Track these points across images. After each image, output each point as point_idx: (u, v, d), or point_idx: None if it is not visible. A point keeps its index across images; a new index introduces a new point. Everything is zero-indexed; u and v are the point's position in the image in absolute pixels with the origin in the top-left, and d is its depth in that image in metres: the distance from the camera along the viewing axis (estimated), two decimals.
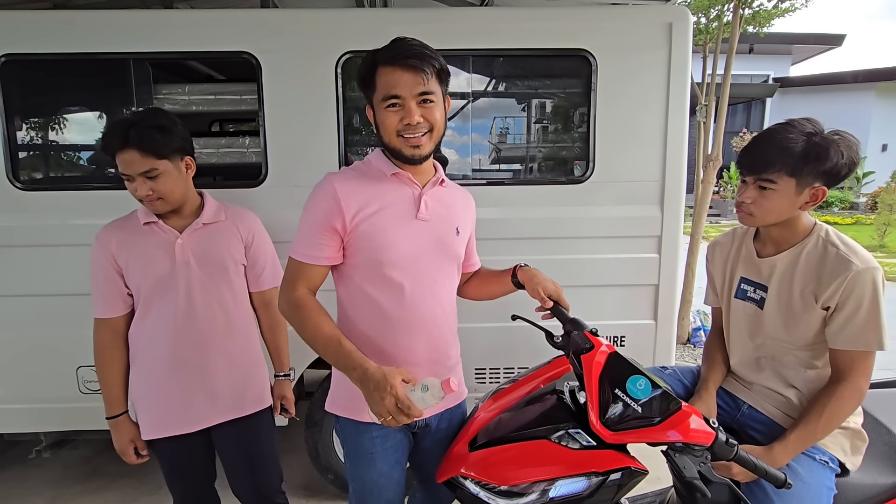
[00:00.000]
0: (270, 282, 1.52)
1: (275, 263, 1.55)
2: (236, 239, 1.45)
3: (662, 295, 2.10)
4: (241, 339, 1.47)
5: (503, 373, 2.15)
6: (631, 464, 1.02)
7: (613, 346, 1.09)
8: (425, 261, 1.16)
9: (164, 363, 1.37)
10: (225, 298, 1.42)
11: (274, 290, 1.51)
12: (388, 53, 1.05)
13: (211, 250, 1.40)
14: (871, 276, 1.09)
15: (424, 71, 1.04)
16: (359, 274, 1.14)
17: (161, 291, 1.35)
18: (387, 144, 1.12)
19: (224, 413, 1.43)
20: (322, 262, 1.12)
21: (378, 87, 1.06)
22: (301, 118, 1.97)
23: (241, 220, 1.48)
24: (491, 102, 2.24)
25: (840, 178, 1.13)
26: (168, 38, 1.93)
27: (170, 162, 1.30)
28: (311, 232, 1.11)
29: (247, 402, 1.47)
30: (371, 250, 1.11)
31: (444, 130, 1.14)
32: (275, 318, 1.55)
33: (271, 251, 1.56)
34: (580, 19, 1.99)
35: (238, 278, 1.46)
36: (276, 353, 1.59)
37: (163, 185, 1.30)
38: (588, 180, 2.04)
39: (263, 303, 1.53)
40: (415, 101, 1.05)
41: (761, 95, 14.40)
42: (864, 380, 1.14)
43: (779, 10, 4.39)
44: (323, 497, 2.27)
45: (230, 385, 1.43)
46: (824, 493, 1.14)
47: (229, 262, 1.42)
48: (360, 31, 1.96)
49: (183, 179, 1.35)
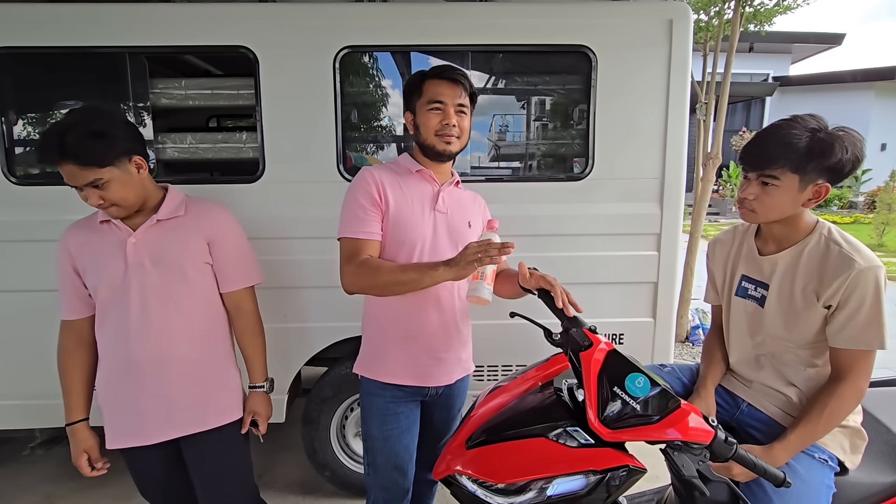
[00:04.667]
0: (241, 281, 1.40)
1: (246, 261, 1.42)
2: (197, 235, 1.33)
3: (661, 293, 2.09)
4: (204, 346, 1.35)
5: (501, 370, 2.15)
6: (629, 462, 1.01)
7: (612, 344, 1.08)
8: (441, 245, 1.34)
9: (120, 370, 1.29)
10: (183, 301, 1.30)
11: (245, 291, 1.42)
12: (437, 70, 1.34)
13: (166, 249, 1.29)
14: (873, 274, 1.09)
15: (464, 86, 1.32)
16: (383, 255, 1.33)
17: (116, 294, 1.27)
18: (424, 142, 1.34)
19: (182, 426, 1.32)
20: (373, 236, 1.29)
21: (425, 93, 1.31)
22: (299, 113, 1.95)
23: (204, 214, 1.36)
24: (490, 99, 2.23)
25: (844, 174, 1.11)
26: (164, 32, 1.91)
27: (115, 168, 1.19)
28: (359, 210, 1.29)
29: (208, 415, 1.35)
30: (397, 231, 1.31)
31: (468, 140, 1.38)
32: (248, 322, 1.44)
33: (243, 248, 1.42)
34: (580, 15, 1.97)
35: (201, 278, 1.34)
36: (250, 362, 1.46)
37: (113, 193, 1.20)
38: (587, 177, 2.03)
39: (234, 305, 1.41)
40: (453, 107, 1.31)
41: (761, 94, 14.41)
42: (865, 379, 1.13)
43: (780, 8, 4.38)
44: (319, 494, 2.27)
45: (190, 396, 1.32)
46: (823, 491, 1.13)
47: (187, 262, 1.31)
48: (359, 25, 1.94)
49: (135, 182, 1.24)
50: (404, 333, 1.35)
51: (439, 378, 1.39)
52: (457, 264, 1.15)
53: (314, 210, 1.97)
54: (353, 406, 2.18)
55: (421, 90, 1.32)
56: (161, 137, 2.07)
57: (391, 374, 1.36)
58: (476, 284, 1.17)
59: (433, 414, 1.48)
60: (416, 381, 1.37)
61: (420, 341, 1.35)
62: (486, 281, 1.18)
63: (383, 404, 1.38)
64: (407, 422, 1.40)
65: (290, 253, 2.00)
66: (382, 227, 1.31)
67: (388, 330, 1.37)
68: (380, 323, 1.39)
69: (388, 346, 1.37)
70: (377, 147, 2.27)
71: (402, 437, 1.39)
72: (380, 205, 1.30)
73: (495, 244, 1.11)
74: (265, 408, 1.47)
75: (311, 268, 2.00)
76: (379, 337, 1.39)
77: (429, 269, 1.19)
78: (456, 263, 1.15)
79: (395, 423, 1.38)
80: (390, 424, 1.38)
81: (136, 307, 1.26)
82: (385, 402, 1.38)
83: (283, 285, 2.02)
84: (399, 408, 1.38)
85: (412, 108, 1.35)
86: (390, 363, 1.36)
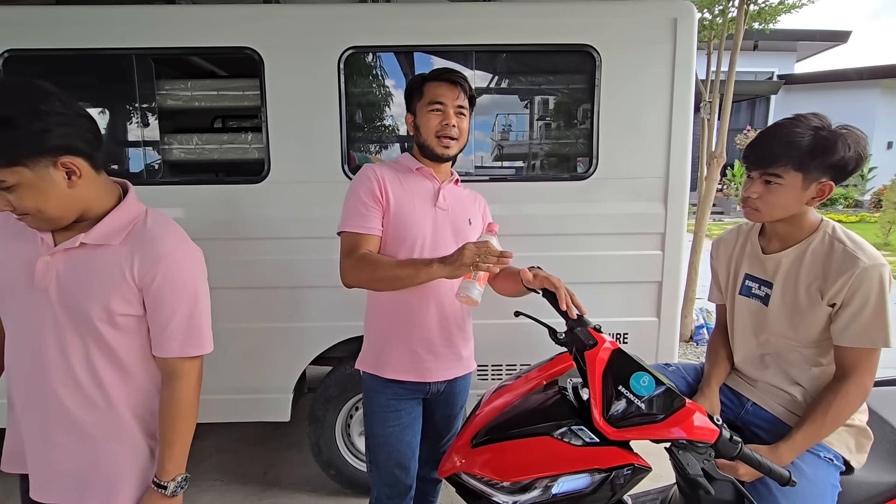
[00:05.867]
0: (174, 348, 1.00)
1: (194, 321, 1.02)
2: (122, 275, 0.95)
3: (666, 292, 2.09)
4: (105, 417, 1.01)
5: (506, 369, 2.15)
6: (634, 461, 1.01)
7: (617, 343, 1.08)
8: (441, 241, 1.36)
9: (18, 401, 1.03)
10: (88, 357, 0.97)
11: (184, 361, 1.02)
12: (437, 72, 1.37)
13: (78, 285, 0.95)
14: (878, 272, 1.08)
15: (463, 88, 1.36)
16: (385, 250, 1.35)
17: (15, 312, 0.98)
18: (423, 143, 1.37)
19: (58, 495, 1.03)
20: (373, 232, 1.32)
21: (425, 95, 1.35)
22: (304, 114, 1.96)
23: (146, 246, 0.97)
24: (494, 99, 2.23)
25: (848, 172, 1.11)
26: (170, 34, 1.93)
27: (27, 170, 0.85)
28: (360, 205, 1.31)
29: (89, 497, 1.02)
30: (399, 227, 1.33)
31: (466, 142, 1.41)
32: (176, 398, 1.03)
33: (193, 302, 1.02)
34: (584, 14, 1.97)
35: (118, 334, 0.98)
36: (164, 447, 1.03)
37: (25, 201, 0.87)
38: (591, 177, 2.03)
39: (166, 374, 1.04)
40: (453, 109, 1.34)
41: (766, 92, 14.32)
42: (870, 377, 1.13)
43: (785, 6, 4.36)
44: (324, 493, 2.28)
45: (71, 469, 1.01)
46: (829, 490, 1.13)
47: (94, 308, 0.95)
48: (363, 26, 1.95)
49: (59, 192, 0.89)
50: (405, 329, 1.37)
51: (438, 373, 1.40)
52: (452, 263, 1.17)
53: (319, 210, 1.98)
54: (357, 405, 2.19)
55: (421, 92, 1.36)
56: (167, 138, 2.09)
57: (392, 369, 1.37)
58: (467, 284, 1.18)
59: (435, 412, 1.49)
60: (416, 377, 1.38)
61: (420, 336, 1.37)
62: (479, 282, 1.19)
63: (385, 401, 1.39)
64: (408, 419, 1.41)
65: (295, 253, 2.01)
66: (384, 224, 1.34)
67: (390, 325, 1.39)
68: (381, 318, 1.41)
69: (389, 342, 1.39)
70: (381, 147, 2.28)
71: (404, 434, 1.41)
72: (381, 201, 1.32)
73: (494, 251, 1.13)
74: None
75: (315, 267, 2.01)
76: (380, 333, 1.41)
77: (424, 266, 1.21)
78: (451, 262, 1.17)
79: (397, 421, 1.39)
80: (392, 421, 1.39)
81: (35, 342, 0.97)
82: (387, 399, 1.39)
83: (289, 285, 2.03)
84: (400, 405, 1.40)
85: (412, 110, 1.39)
86: (391, 359, 1.38)
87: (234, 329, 2.06)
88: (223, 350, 2.07)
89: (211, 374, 2.07)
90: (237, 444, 2.70)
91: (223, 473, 2.45)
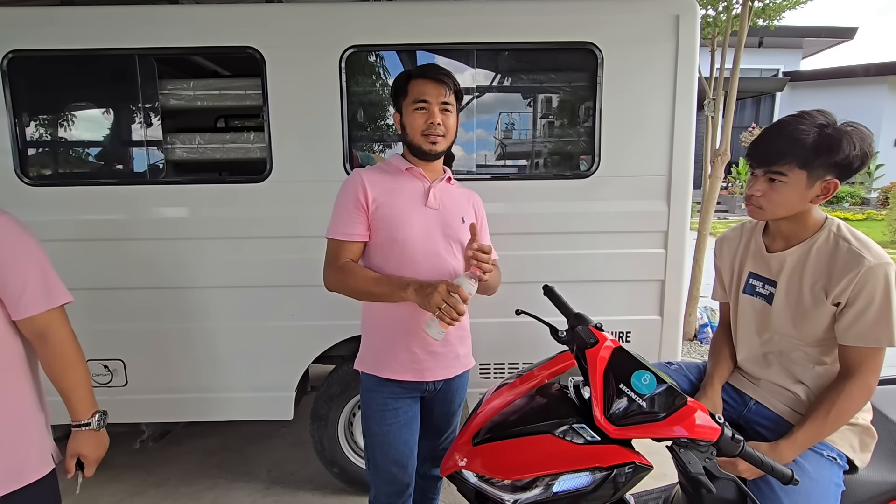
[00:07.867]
0: (41, 304, 1.07)
1: (45, 278, 1.08)
2: None
3: (668, 291, 2.08)
4: None
5: (507, 368, 2.15)
6: (635, 459, 1.01)
7: (618, 341, 1.08)
8: (433, 241, 1.37)
9: None
10: None
11: (49, 314, 1.08)
12: (420, 70, 1.38)
13: None
14: (883, 271, 1.07)
15: (447, 85, 1.35)
16: (378, 252, 1.37)
17: None
18: (411, 141, 1.37)
19: None
20: (357, 238, 1.34)
21: (410, 93, 1.35)
22: (305, 113, 1.97)
23: None
24: (496, 97, 2.23)
25: (852, 170, 1.10)
26: (173, 34, 1.94)
27: None
28: (345, 212, 1.34)
29: None
30: (388, 229, 1.34)
31: (454, 137, 1.42)
32: (59, 351, 1.10)
33: (37, 262, 1.08)
34: (585, 12, 1.96)
35: None
36: (67, 396, 1.13)
37: None
38: (594, 175, 2.03)
39: (37, 333, 1.08)
40: (438, 106, 1.34)
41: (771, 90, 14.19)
42: (874, 376, 1.12)
43: (789, 3, 4.32)
44: (328, 491, 2.29)
45: None
46: (832, 489, 1.12)
47: None
48: (365, 25, 1.95)
49: None
50: (401, 329, 1.37)
51: (436, 372, 1.41)
52: (423, 296, 1.19)
53: (321, 209, 1.95)
54: (360, 403, 2.19)
55: (406, 90, 1.36)
56: (170, 138, 2.10)
57: (389, 369, 1.38)
58: (430, 321, 1.19)
59: (433, 409, 1.50)
60: (413, 377, 1.39)
61: (416, 336, 1.36)
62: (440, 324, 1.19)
63: (382, 400, 1.40)
64: (406, 417, 1.42)
65: (297, 252, 2.01)
66: (372, 227, 1.35)
67: (386, 326, 1.39)
68: (378, 319, 1.41)
69: (386, 342, 1.39)
70: (383, 146, 2.28)
71: (401, 432, 1.41)
72: (363, 206, 1.33)
73: (459, 309, 1.15)
74: (93, 448, 1.15)
75: (318, 266, 1.99)
76: (377, 333, 1.42)
77: (399, 289, 1.25)
78: (424, 295, 1.19)
79: (394, 419, 1.40)
80: (389, 420, 1.40)
81: None
82: (383, 397, 1.40)
83: (291, 284, 2.04)
84: (397, 403, 1.41)
85: (399, 109, 1.39)
86: (388, 359, 1.38)
87: (238, 328, 2.07)
88: (226, 349, 2.10)
89: (214, 372, 2.11)
90: (241, 443, 2.71)
91: (227, 471, 2.47)
